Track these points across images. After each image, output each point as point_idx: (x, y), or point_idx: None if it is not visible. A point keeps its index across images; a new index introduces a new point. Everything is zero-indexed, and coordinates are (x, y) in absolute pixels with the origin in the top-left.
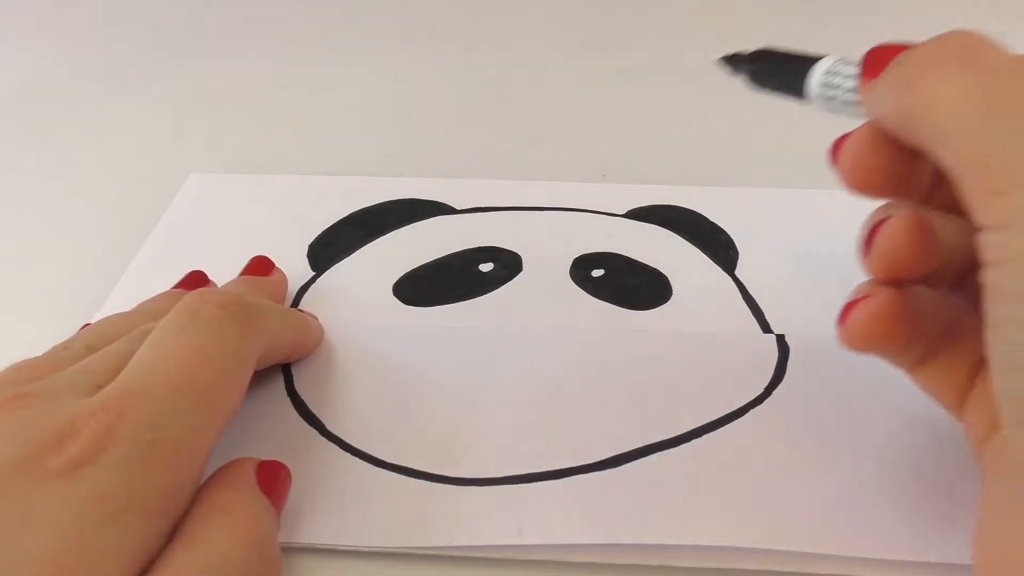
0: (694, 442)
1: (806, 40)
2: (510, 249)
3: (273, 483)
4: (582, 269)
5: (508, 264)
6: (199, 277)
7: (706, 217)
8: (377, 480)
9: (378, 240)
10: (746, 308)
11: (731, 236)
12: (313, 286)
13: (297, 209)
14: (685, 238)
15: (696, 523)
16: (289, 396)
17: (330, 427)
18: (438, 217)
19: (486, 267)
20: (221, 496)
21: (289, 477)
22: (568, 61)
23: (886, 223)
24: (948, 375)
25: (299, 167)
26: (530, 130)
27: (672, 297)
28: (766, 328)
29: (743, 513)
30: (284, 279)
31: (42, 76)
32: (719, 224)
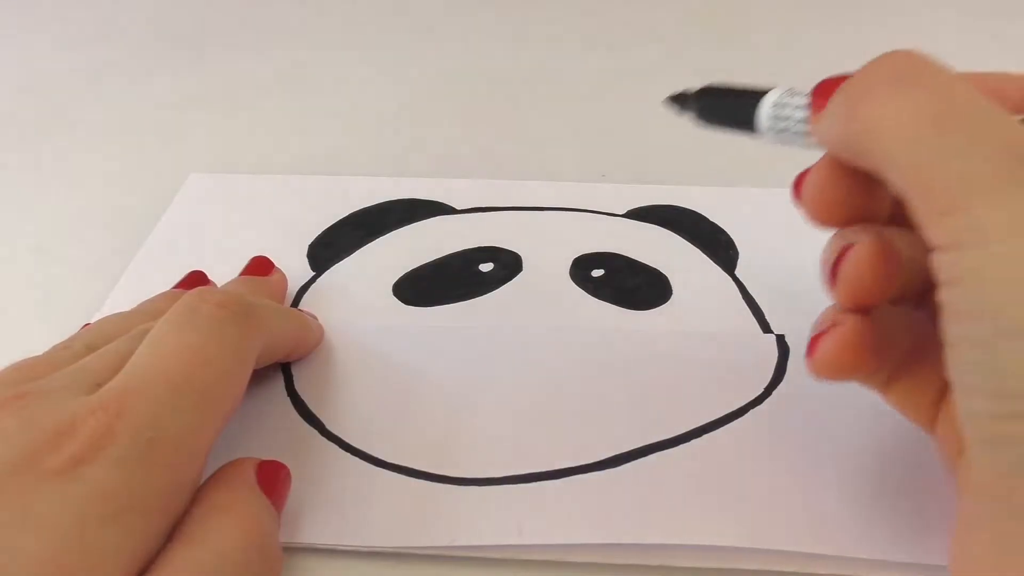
0: (694, 442)
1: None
2: (510, 249)
3: (273, 483)
4: (582, 269)
5: (508, 264)
6: (199, 277)
7: (706, 217)
8: (377, 480)
9: (378, 240)
10: (746, 308)
11: (731, 236)
12: (313, 286)
13: (297, 209)
14: (685, 238)
15: (696, 523)
16: (289, 396)
17: (330, 427)
18: (438, 217)
19: (486, 267)
20: (221, 496)
21: (289, 477)
22: (568, 61)
23: (851, 251)
24: (917, 394)
25: (299, 167)
26: (530, 130)
27: (672, 297)
28: (766, 328)
29: (743, 513)
30: (284, 279)
31: (42, 76)
32: (719, 224)
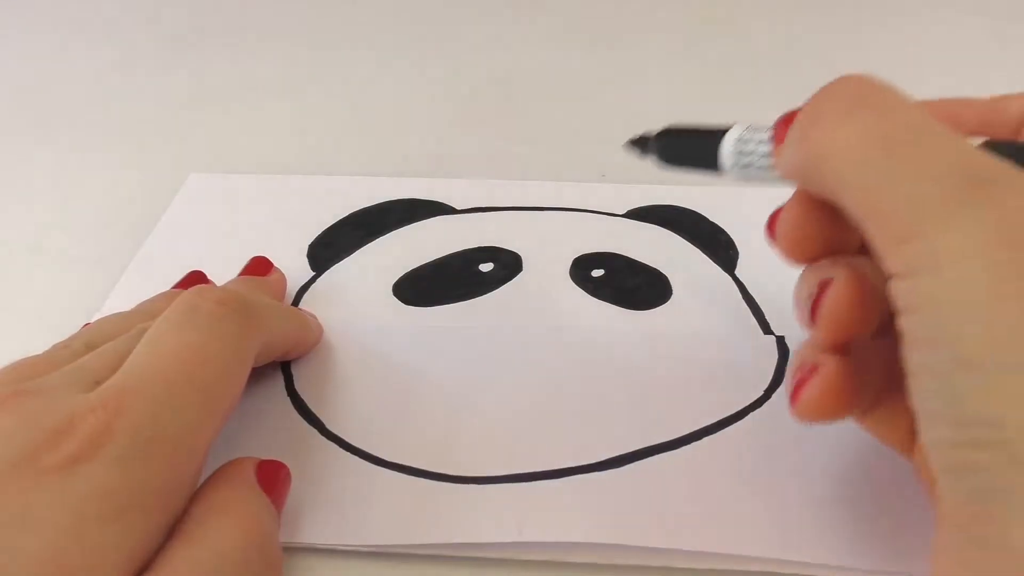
0: (694, 444)
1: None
2: (510, 249)
3: (273, 482)
4: (582, 269)
5: (508, 264)
6: (198, 277)
7: (706, 217)
8: (377, 479)
9: (378, 240)
10: (746, 308)
11: (731, 236)
12: (313, 286)
13: (297, 209)
14: (685, 238)
15: (695, 527)
16: (289, 395)
17: (330, 426)
18: (438, 217)
19: (486, 267)
20: (221, 495)
21: (289, 476)
22: (568, 61)
23: (829, 289)
24: (894, 422)
25: (299, 167)
26: (530, 130)
27: (672, 297)
28: (766, 328)
29: (742, 518)
30: (283, 279)
31: (42, 76)
32: (719, 224)
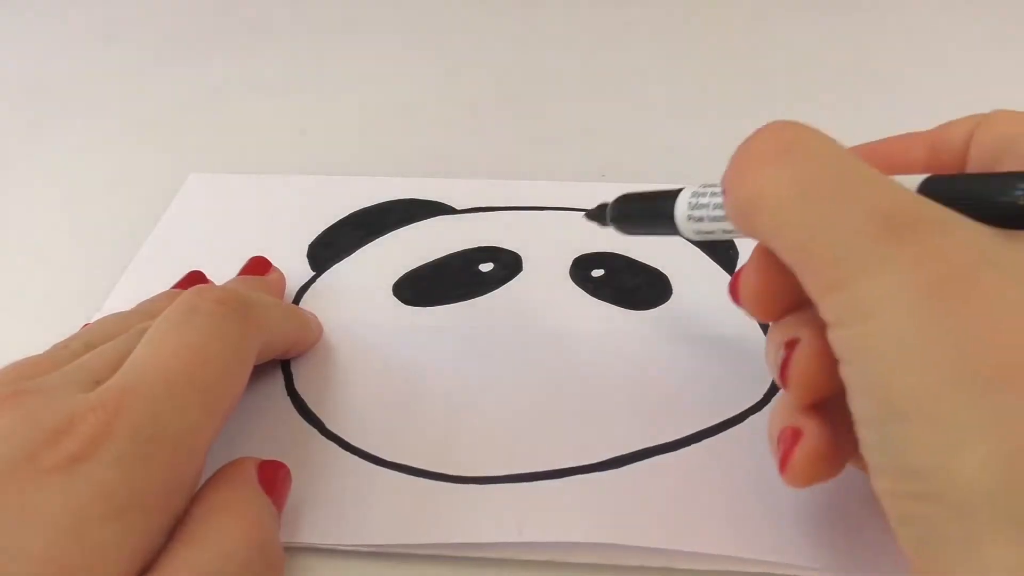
0: (693, 447)
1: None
2: (510, 249)
3: (273, 482)
4: (582, 269)
5: (508, 264)
6: (198, 277)
7: None
8: (377, 479)
9: (378, 240)
10: None
11: None
12: (313, 286)
13: (297, 209)
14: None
15: (696, 529)
16: (289, 395)
17: (330, 426)
18: (438, 217)
19: (486, 267)
20: (223, 495)
21: (289, 476)
22: (569, 61)
23: (795, 352)
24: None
25: (299, 167)
26: (530, 130)
27: (672, 297)
28: (766, 329)
29: (742, 519)
30: (282, 278)
31: (42, 76)
32: None
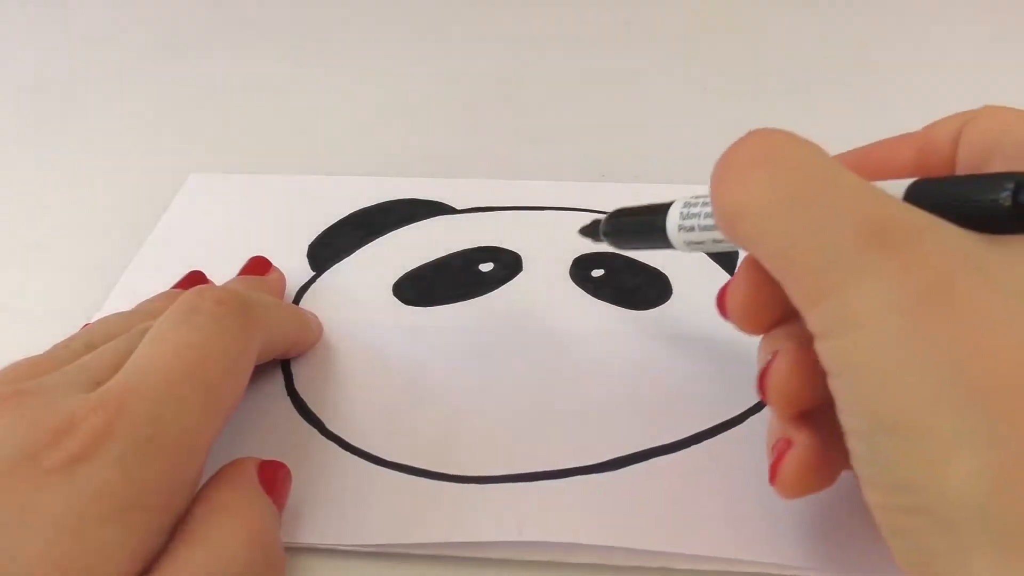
0: (693, 448)
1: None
2: (510, 249)
3: (273, 482)
4: (582, 269)
5: (508, 264)
6: (198, 277)
7: None
8: (377, 478)
9: (378, 240)
10: None
11: None
12: (313, 286)
13: (297, 209)
14: None
15: (696, 531)
16: (289, 395)
17: (330, 426)
18: (438, 217)
19: (486, 267)
20: (224, 495)
21: (289, 476)
22: (568, 61)
23: (772, 365)
24: None
25: (299, 167)
26: (530, 130)
27: (672, 297)
28: None
29: (742, 522)
30: (282, 278)
31: (42, 76)
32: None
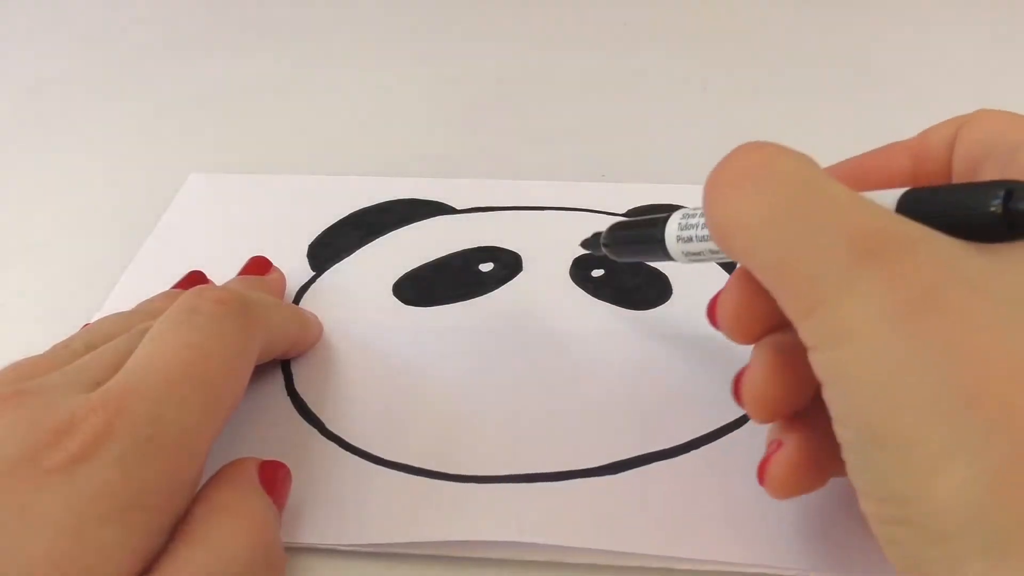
0: (693, 452)
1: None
2: (510, 249)
3: (274, 482)
4: (582, 269)
5: (508, 264)
6: (198, 277)
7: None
8: (377, 478)
9: (378, 240)
10: None
11: None
12: (313, 286)
13: (297, 209)
14: None
15: (695, 535)
16: (289, 395)
17: (330, 426)
18: (438, 217)
19: (486, 267)
20: (225, 496)
21: (289, 476)
22: (568, 61)
23: (746, 373)
24: None
25: (299, 167)
26: (530, 130)
27: (672, 297)
28: None
29: (741, 525)
30: (282, 278)
31: (43, 76)
32: None
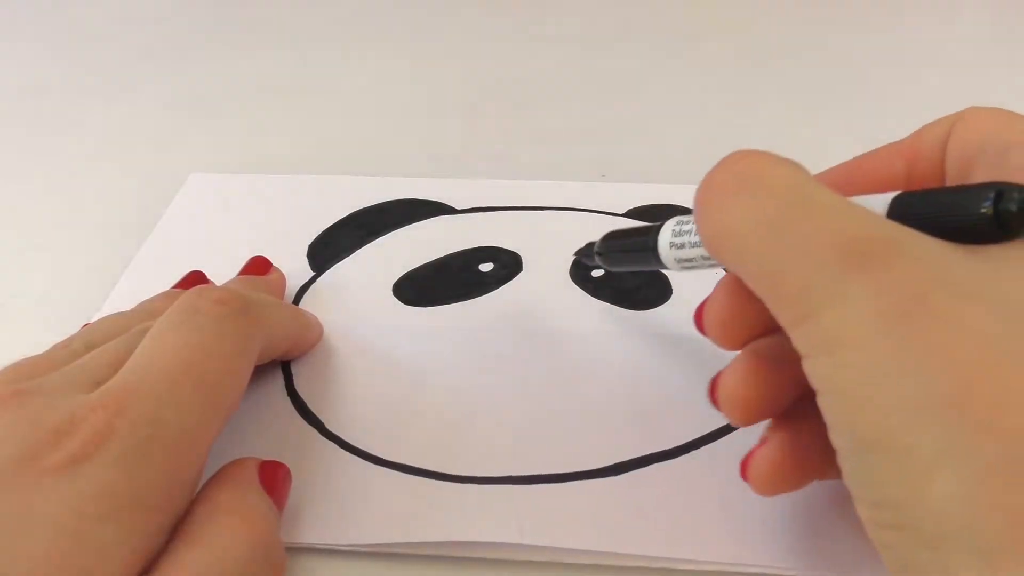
0: (693, 453)
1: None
2: (510, 249)
3: (273, 482)
4: (582, 269)
5: (508, 264)
6: (198, 277)
7: None
8: (377, 478)
9: (378, 240)
10: None
11: None
12: (313, 286)
13: (297, 209)
14: None
15: (697, 537)
16: (289, 395)
17: (330, 426)
18: (438, 217)
19: (486, 267)
20: (225, 496)
21: (289, 476)
22: (568, 61)
23: (721, 376)
24: None
25: (299, 167)
26: (530, 130)
27: (672, 297)
28: None
29: (742, 527)
30: (282, 278)
31: (42, 76)
32: None
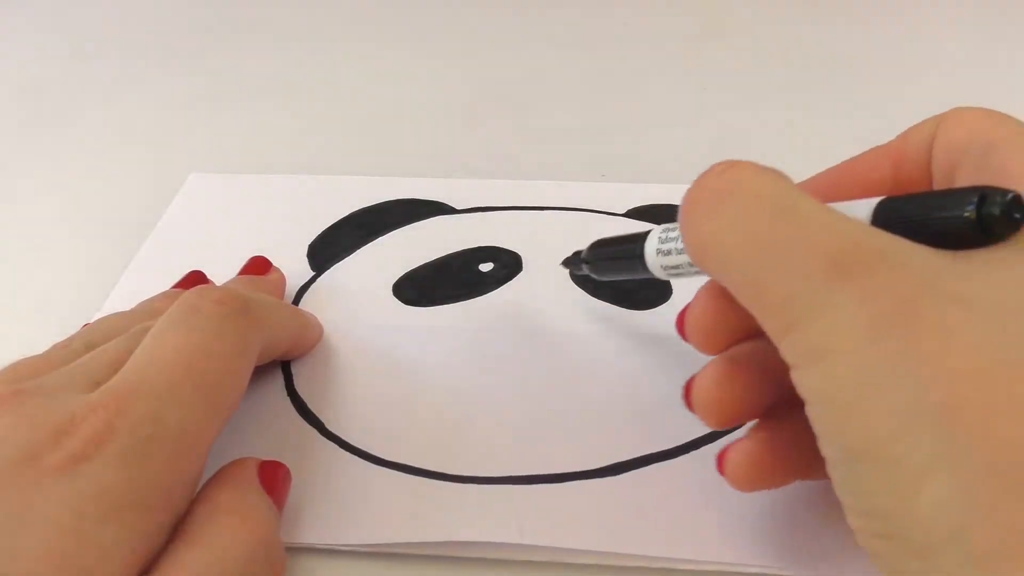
0: (693, 453)
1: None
2: (510, 249)
3: (273, 482)
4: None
5: (508, 264)
6: (198, 277)
7: None
8: (377, 478)
9: (378, 240)
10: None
11: None
12: (313, 286)
13: (297, 209)
14: None
15: (696, 537)
16: (289, 395)
17: (330, 426)
18: (438, 217)
19: (486, 267)
20: (225, 496)
21: (289, 476)
22: (568, 61)
23: (695, 380)
24: None
25: (299, 167)
26: (530, 130)
27: (672, 297)
28: None
29: (742, 527)
30: (282, 278)
31: (42, 76)
32: None
